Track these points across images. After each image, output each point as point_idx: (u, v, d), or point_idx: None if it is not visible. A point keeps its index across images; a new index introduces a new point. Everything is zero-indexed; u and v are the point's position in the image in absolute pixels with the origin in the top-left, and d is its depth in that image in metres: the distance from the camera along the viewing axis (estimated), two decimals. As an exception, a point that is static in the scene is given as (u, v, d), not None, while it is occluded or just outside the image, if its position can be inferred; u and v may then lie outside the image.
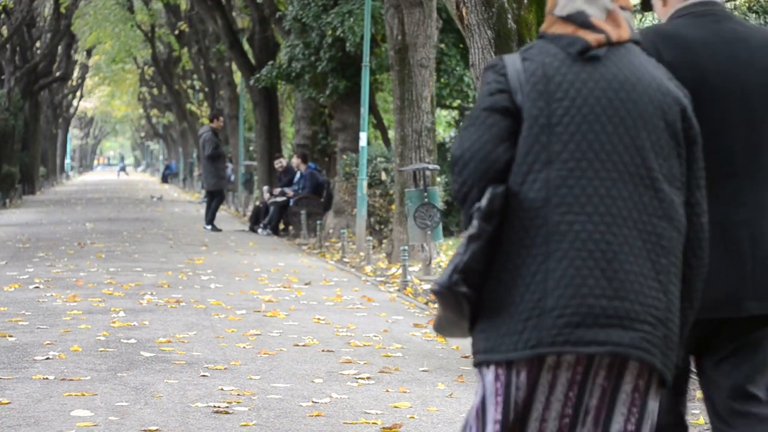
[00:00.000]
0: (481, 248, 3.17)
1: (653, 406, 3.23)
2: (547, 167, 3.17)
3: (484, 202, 3.16)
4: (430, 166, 15.00)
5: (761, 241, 3.75)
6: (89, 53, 56.18)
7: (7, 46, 37.04)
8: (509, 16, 9.76)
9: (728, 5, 13.73)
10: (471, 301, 3.20)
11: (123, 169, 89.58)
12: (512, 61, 3.29)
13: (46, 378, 7.52)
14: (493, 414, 3.20)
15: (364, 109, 18.43)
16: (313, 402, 6.94)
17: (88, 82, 67.49)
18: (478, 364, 3.24)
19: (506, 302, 3.16)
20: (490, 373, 3.21)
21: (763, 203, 3.77)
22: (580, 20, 3.29)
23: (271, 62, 24.93)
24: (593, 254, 3.12)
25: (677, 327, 3.23)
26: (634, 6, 8.71)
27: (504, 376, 3.18)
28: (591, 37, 3.26)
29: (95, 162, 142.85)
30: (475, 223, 3.18)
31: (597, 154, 3.18)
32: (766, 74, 3.78)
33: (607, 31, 3.28)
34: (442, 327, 3.33)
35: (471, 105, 24.06)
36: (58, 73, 47.00)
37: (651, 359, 3.14)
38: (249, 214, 27.05)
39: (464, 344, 8.58)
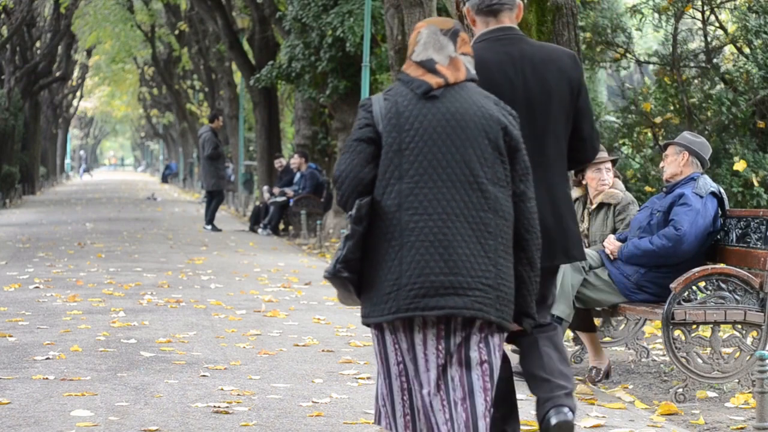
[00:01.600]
0: (355, 243, 4.29)
1: (496, 341, 4.38)
2: (399, 181, 4.30)
3: (353, 210, 4.27)
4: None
5: (556, 212, 4.98)
6: (89, 53, 56.14)
7: (7, 46, 37.00)
8: (509, 16, 9.75)
9: (729, 5, 13.71)
10: (353, 282, 4.35)
11: (87, 170, 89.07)
12: (377, 99, 4.41)
13: (46, 378, 7.52)
14: (394, 358, 4.36)
15: (364, 109, 18.40)
16: (313, 402, 6.94)
17: (88, 82, 67.46)
18: (367, 325, 4.38)
19: (375, 281, 4.31)
20: (386, 333, 4.35)
21: (550, 183, 4.98)
22: (428, 66, 4.41)
23: (271, 62, 24.89)
24: (433, 244, 4.25)
25: (510, 289, 4.34)
26: None
27: (390, 334, 4.34)
28: (433, 81, 4.39)
29: (107, 162, 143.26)
30: (348, 226, 4.29)
31: (435, 169, 4.30)
32: (543, 84, 4.93)
33: (446, 76, 4.40)
34: (343, 300, 4.47)
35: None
36: (58, 73, 46.95)
37: (483, 315, 4.26)
38: (249, 214, 27.04)
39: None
